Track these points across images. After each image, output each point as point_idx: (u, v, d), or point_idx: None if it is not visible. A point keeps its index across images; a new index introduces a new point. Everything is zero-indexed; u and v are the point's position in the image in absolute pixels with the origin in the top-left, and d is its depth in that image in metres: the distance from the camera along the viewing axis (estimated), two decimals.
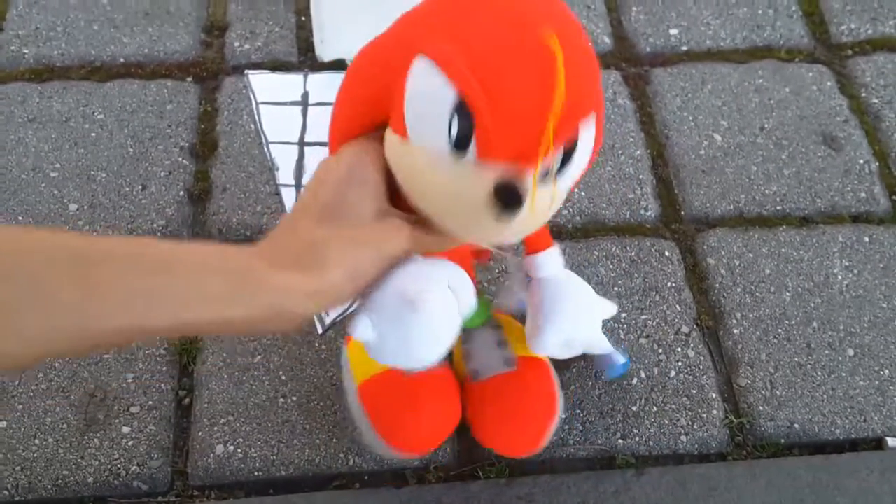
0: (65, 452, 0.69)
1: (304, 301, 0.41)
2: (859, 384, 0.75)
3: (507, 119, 0.39)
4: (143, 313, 0.36)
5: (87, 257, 0.36)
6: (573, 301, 0.59)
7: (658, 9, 1.04)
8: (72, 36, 0.97)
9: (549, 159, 0.41)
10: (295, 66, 0.96)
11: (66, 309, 0.35)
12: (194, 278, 0.38)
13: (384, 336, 0.45)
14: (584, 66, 0.42)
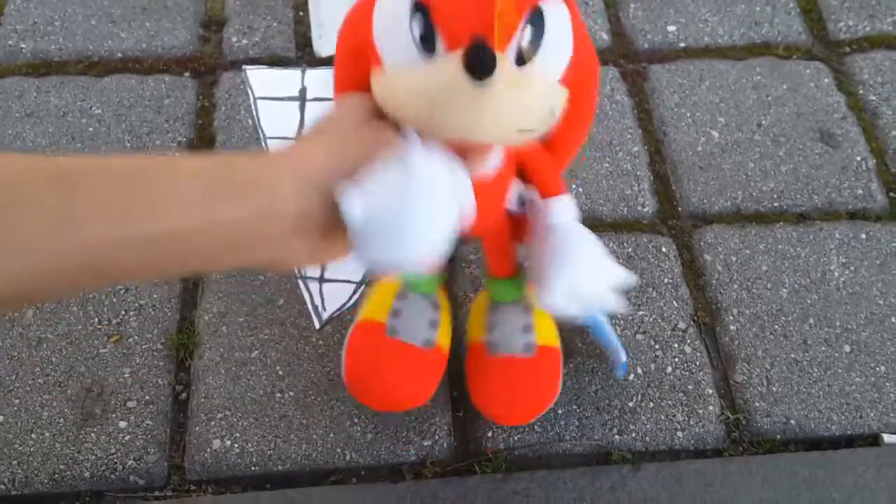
0: (61, 447, 0.69)
1: (290, 189, 0.39)
2: (855, 380, 0.76)
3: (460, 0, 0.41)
4: (127, 219, 0.35)
5: (68, 169, 0.35)
6: (583, 250, 0.56)
7: (656, 5, 1.04)
8: (69, 30, 0.97)
9: (511, 30, 0.41)
10: (293, 61, 0.96)
11: (49, 217, 0.33)
12: (172, 180, 0.37)
13: (376, 207, 0.40)
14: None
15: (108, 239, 0.35)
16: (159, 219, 0.36)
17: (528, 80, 0.42)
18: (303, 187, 0.39)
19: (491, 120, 0.41)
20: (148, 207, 0.35)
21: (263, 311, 0.77)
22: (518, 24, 0.41)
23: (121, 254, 0.35)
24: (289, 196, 0.39)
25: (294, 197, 0.39)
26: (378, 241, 0.41)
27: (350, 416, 0.72)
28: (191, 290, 0.78)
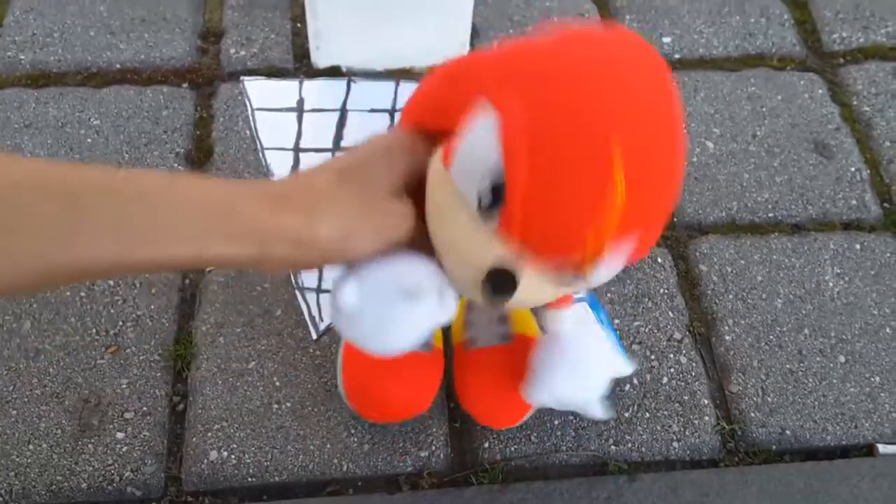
0: (59, 458, 0.69)
1: (289, 249, 0.40)
2: (850, 391, 0.76)
3: (540, 213, 0.38)
4: (125, 244, 0.36)
5: (74, 183, 0.36)
6: (573, 364, 0.57)
7: (651, 17, 1.04)
8: (68, 42, 0.97)
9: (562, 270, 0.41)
10: (290, 72, 0.96)
11: (50, 231, 0.35)
12: (174, 209, 0.38)
13: (365, 311, 0.44)
14: (649, 184, 0.38)
15: (104, 260, 0.36)
16: (156, 249, 0.37)
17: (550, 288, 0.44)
18: (301, 248, 0.41)
19: (509, 305, 0.44)
20: (146, 237, 0.37)
21: (261, 321, 0.77)
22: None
23: (112, 272, 0.37)
24: (285, 252, 0.40)
25: (290, 253, 0.41)
26: (358, 331, 0.46)
27: (347, 427, 0.72)
28: (188, 301, 0.79)
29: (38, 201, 0.35)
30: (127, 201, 0.37)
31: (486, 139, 0.39)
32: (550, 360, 0.58)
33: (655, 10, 1.05)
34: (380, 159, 0.45)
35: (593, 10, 1.04)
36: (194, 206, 0.38)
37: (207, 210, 0.39)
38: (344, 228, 0.41)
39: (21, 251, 0.34)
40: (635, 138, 0.36)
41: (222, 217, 0.39)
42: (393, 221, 0.44)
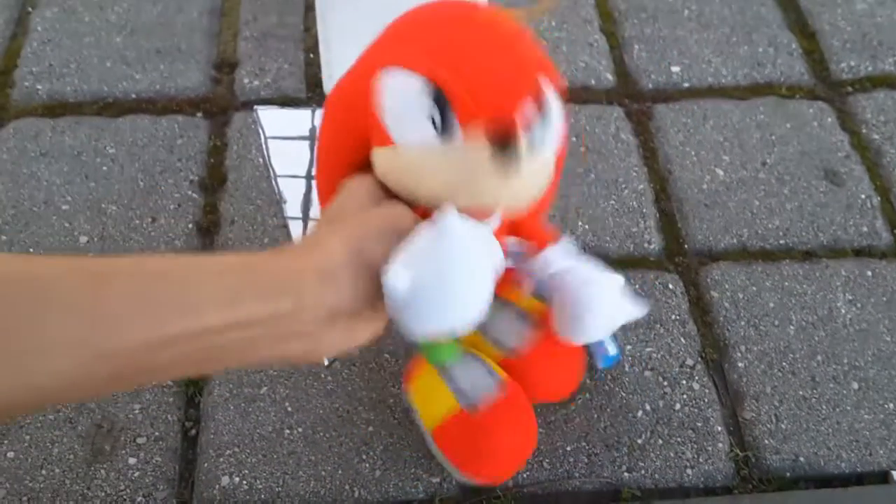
0: (71, 483, 0.69)
1: (316, 286, 0.40)
2: (864, 417, 0.75)
3: (479, 86, 0.43)
4: (155, 319, 0.35)
5: (101, 268, 0.36)
6: (599, 287, 0.59)
7: (660, 46, 1.05)
8: (84, 72, 0.99)
9: (527, 116, 0.44)
10: (303, 101, 0.98)
11: (84, 316, 0.34)
12: (198, 280, 0.37)
13: (421, 276, 0.41)
14: (522, 35, 0.47)
15: (141, 339, 0.35)
16: (190, 318, 0.36)
17: (541, 159, 0.47)
18: (328, 282, 0.41)
19: (513, 195, 0.47)
20: (178, 307, 0.36)
21: None
22: (529, 108, 0.45)
23: (153, 354, 0.35)
24: (315, 292, 0.40)
25: (321, 292, 0.40)
26: (425, 311, 0.43)
27: (358, 453, 0.72)
28: None
29: (69, 287, 0.34)
30: (152, 278, 0.37)
31: (403, 83, 0.45)
32: (581, 295, 0.59)
33: (664, 39, 1.06)
34: (349, 195, 0.47)
35: (602, 41, 1.05)
36: (219, 274, 0.38)
37: (231, 273, 0.39)
38: (357, 243, 0.42)
39: (57, 338, 0.33)
40: (497, 16, 0.46)
41: (247, 274, 0.39)
42: (394, 214, 0.45)
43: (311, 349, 0.41)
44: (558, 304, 0.61)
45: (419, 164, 0.46)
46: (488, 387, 0.66)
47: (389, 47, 0.48)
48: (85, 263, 0.36)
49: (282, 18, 1.06)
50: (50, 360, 0.33)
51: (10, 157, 0.90)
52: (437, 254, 0.42)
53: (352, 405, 0.74)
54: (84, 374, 0.34)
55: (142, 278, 0.36)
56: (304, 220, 0.86)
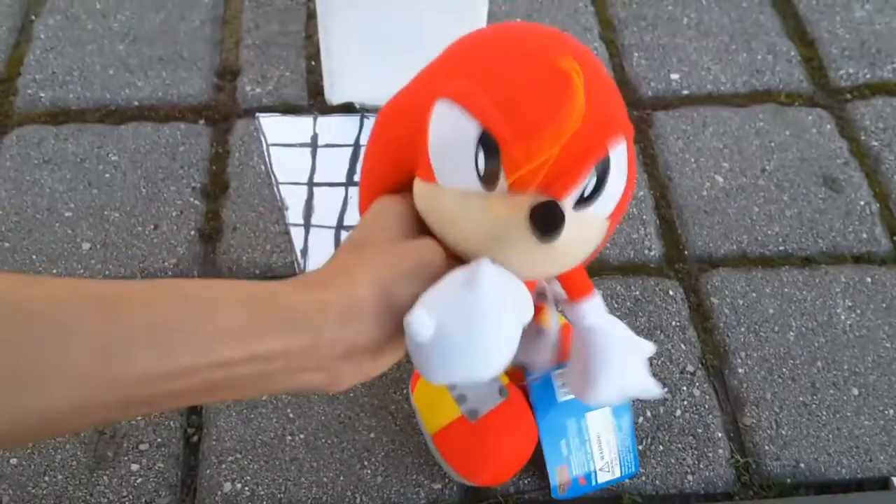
0: (74, 490, 0.70)
1: (338, 323, 0.38)
2: (864, 423, 0.76)
3: (532, 142, 0.39)
4: (166, 350, 0.34)
5: (112, 295, 0.34)
6: (622, 348, 0.55)
7: (659, 54, 1.06)
8: (87, 80, 1.00)
9: (580, 180, 0.40)
10: (305, 109, 0.98)
11: (95, 344, 0.33)
12: (215, 309, 0.36)
13: (446, 327, 0.39)
14: (603, 86, 0.42)
15: (151, 369, 0.34)
16: (205, 351, 0.35)
17: (585, 224, 0.42)
18: (350, 319, 0.39)
19: (550, 265, 0.44)
20: (190, 339, 0.35)
21: None
22: (587, 175, 0.40)
23: (165, 385, 0.34)
24: (336, 328, 0.38)
25: (342, 329, 0.38)
26: (446, 362, 0.41)
27: (360, 459, 0.72)
28: None
29: (79, 314, 0.33)
30: (164, 307, 0.35)
31: (454, 120, 0.41)
32: (604, 351, 0.54)
33: (663, 47, 1.06)
34: (380, 219, 0.45)
35: (602, 48, 1.06)
36: (237, 304, 0.37)
37: (249, 304, 0.37)
38: (383, 282, 0.40)
39: (62, 371, 0.32)
40: (572, 53, 0.41)
41: (266, 307, 0.37)
42: (423, 250, 0.42)
43: (328, 383, 0.40)
44: (576, 357, 0.57)
45: (456, 209, 0.42)
46: (490, 393, 0.66)
47: (449, 73, 0.43)
48: (98, 289, 0.35)
49: (284, 26, 1.07)
50: (58, 389, 0.32)
51: (13, 165, 0.91)
52: (467, 306, 0.40)
53: (353, 411, 0.75)
54: (93, 404, 0.33)
55: (156, 307, 0.35)
56: (306, 227, 0.87)
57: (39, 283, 0.34)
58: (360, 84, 0.97)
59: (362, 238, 0.44)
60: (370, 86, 0.97)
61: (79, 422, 0.34)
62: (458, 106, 0.40)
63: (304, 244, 0.86)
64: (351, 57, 0.94)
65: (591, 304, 0.55)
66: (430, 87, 0.43)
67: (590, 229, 0.43)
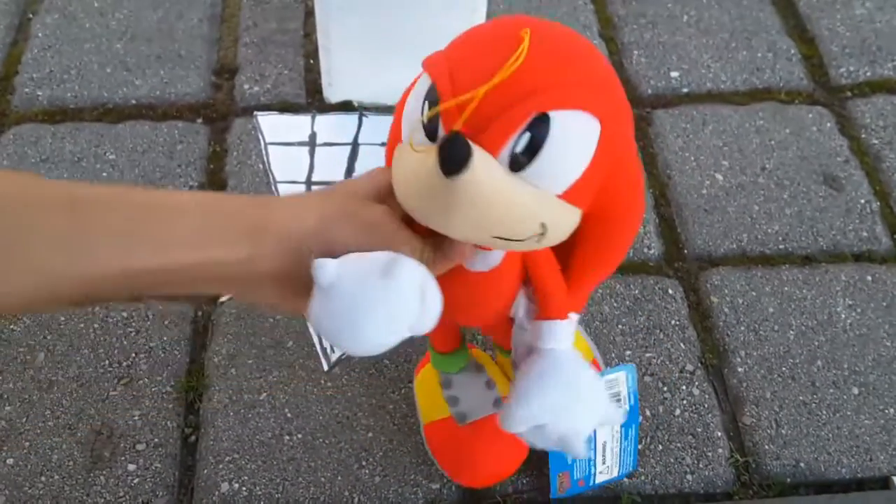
0: (70, 490, 0.69)
1: (274, 239, 0.42)
2: (864, 423, 0.75)
3: (464, 85, 0.39)
4: (130, 251, 0.38)
5: (80, 196, 0.38)
6: (564, 384, 0.50)
7: (659, 52, 1.06)
8: (85, 78, 0.99)
9: (507, 131, 0.39)
10: (303, 107, 0.98)
11: (58, 241, 0.36)
12: (175, 217, 0.40)
13: (340, 288, 0.40)
14: (570, 58, 0.41)
15: (112, 268, 0.38)
16: (159, 256, 0.39)
17: (517, 187, 0.40)
18: (285, 247, 0.42)
19: (461, 219, 0.40)
20: (149, 242, 0.39)
21: (272, 353, 0.77)
22: (516, 127, 0.39)
23: (122, 283, 0.39)
24: (269, 253, 0.42)
25: (274, 255, 0.42)
26: (329, 324, 0.42)
27: (358, 459, 0.72)
28: (200, 333, 0.79)
29: (42, 213, 0.37)
30: (129, 210, 0.39)
31: (420, 81, 0.43)
32: (540, 377, 0.50)
33: (663, 45, 1.06)
34: (368, 177, 0.47)
35: (602, 46, 1.06)
36: (190, 212, 0.41)
37: (203, 215, 0.41)
38: (328, 217, 0.43)
39: (28, 264, 0.36)
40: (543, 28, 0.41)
41: (217, 219, 0.41)
42: (375, 211, 0.44)
43: (255, 300, 0.45)
44: (519, 374, 0.52)
45: (402, 163, 0.43)
46: (484, 402, 0.66)
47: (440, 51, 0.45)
48: (69, 190, 0.39)
49: (282, 24, 1.06)
50: (20, 279, 0.36)
51: (10, 163, 0.90)
52: (366, 287, 0.41)
53: (351, 411, 0.74)
54: (53, 295, 0.38)
55: (120, 211, 0.39)
56: None
57: (12, 180, 0.38)
58: (358, 82, 0.97)
59: (341, 188, 0.46)
60: (369, 84, 0.96)
61: (32, 309, 0.40)
62: (425, 71, 0.43)
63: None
64: (349, 55, 0.93)
65: (551, 326, 0.50)
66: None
67: (528, 199, 0.40)
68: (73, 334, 0.78)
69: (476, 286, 0.50)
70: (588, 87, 0.41)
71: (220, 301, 0.81)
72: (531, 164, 0.39)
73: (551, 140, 0.39)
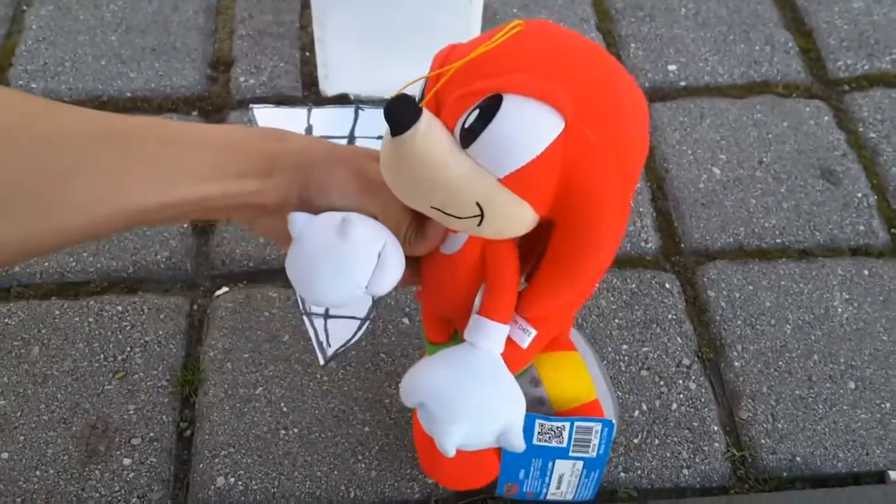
0: (65, 484, 0.69)
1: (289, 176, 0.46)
2: (861, 417, 0.75)
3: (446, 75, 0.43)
4: (168, 183, 0.43)
5: (120, 130, 0.43)
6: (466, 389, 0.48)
7: (657, 45, 1.05)
8: (79, 71, 0.99)
9: (461, 104, 0.42)
10: (299, 100, 0.97)
11: (103, 178, 0.40)
12: (199, 150, 0.45)
13: (303, 240, 0.45)
14: (554, 54, 0.42)
15: (152, 202, 0.42)
16: (191, 188, 0.43)
17: (452, 157, 0.41)
18: (289, 181, 0.47)
19: (403, 181, 0.44)
20: (182, 175, 0.43)
21: (268, 347, 0.77)
22: (470, 103, 0.41)
23: (158, 214, 0.43)
24: (274, 187, 0.47)
25: (279, 187, 0.47)
26: (292, 274, 0.46)
27: (354, 453, 0.71)
28: (196, 327, 0.79)
29: (91, 146, 0.40)
30: (162, 144, 0.43)
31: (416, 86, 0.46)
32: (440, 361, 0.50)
33: (661, 38, 1.06)
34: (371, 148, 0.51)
35: (599, 39, 1.05)
36: (212, 145, 0.46)
37: (224, 147, 0.46)
38: (334, 161, 0.47)
39: (86, 195, 0.40)
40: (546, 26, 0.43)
41: (234, 152, 0.46)
42: (378, 174, 0.45)
43: (258, 229, 0.50)
44: None
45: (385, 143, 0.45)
46: None
47: None
48: (106, 124, 0.43)
49: (277, 16, 1.06)
50: (76, 215, 0.40)
51: None
52: (320, 243, 0.45)
53: (347, 405, 0.74)
54: (100, 228, 0.41)
55: (154, 145, 0.43)
56: None
57: (62, 113, 0.42)
58: (355, 75, 0.96)
59: (352, 148, 0.51)
60: (365, 77, 0.96)
61: (81, 240, 0.42)
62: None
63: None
64: (346, 48, 0.93)
65: (484, 325, 0.49)
66: None
67: (465, 171, 0.41)
68: (67, 328, 0.77)
69: (441, 269, 0.51)
70: (571, 88, 0.41)
71: (215, 294, 0.81)
72: (475, 141, 0.41)
73: (498, 119, 0.40)
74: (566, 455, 0.62)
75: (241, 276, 0.83)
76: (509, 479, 0.65)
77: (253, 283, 0.82)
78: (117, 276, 0.82)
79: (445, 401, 0.48)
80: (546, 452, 0.61)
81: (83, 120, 0.42)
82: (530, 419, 0.60)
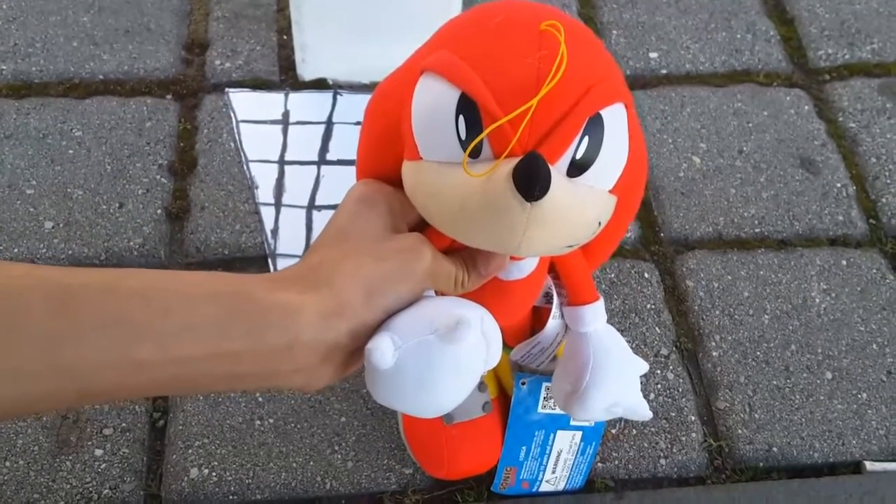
0: (36, 475, 0.68)
1: (318, 324, 0.36)
2: (837, 407, 0.76)
3: (510, 97, 0.37)
4: (125, 341, 0.33)
5: (70, 285, 0.33)
6: (620, 362, 0.52)
7: (638, 32, 1.04)
8: (50, 52, 0.96)
9: (567, 140, 0.37)
10: (276, 84, 0.96)
11: (40, 339, 0.32)
12: (179, 303, 0.34)
13: (404, 366, 0.38)
14: (593, 49, 0.40)
15: (102, 361, 0.33)
16: (161, 347, 0.33)
17: (582, 194, 0.39)
18: (333, 320, 0.37)
19: (538, 239, 0.38)
20: (148, 332, 0.33)
21: None
22: (576, 134, 0.37)
23: (116, 377, 0.33)
24: (316, 329, 0.36)
25: (323, 330, 0.37)
26: (393, 393, 0.40)
27: (330, 444, 0.71)
28: None
29: (30, 305, 0.32)
30: (123, 298, 0.33)
31: (435, 90, 0.39)
32: (598, 370, 0.50)
33: (642, 25, 1.05)
34: (361, 207, 0.42)
35: None
36: (204, 299, 0.35)
37: (219, 301, 0.35)
38: (365, 282, 0.38)
39: (11, 362, 0.31)
40: (558, 19, 0.39)
41: (238, 304, 0.35)
42: (408, 254, 0.40)
43: (304, 384, 0.38)
44: (568, 365, 0.53)
45: (439, 181, 0.39)
46: (472, 405, 0.65)
47: (434, 48, 0.41)
48: (57, 277, 0.33)
49: None
50: (14, 384, 0.32)
51: None
52: (432, 357, 0.38)
53: (324, 395, 0.73)
54: (41, 392, 0.32)
55: (114, 299, 0.33)
56: (277, 207, 0.85)
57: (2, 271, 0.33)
58: (333, 59, 0.95)
59: (344, 229, 0.41)
60: (344, 61, 0.95)
61: (25, 409, 0.33)
62: (439, 76, 0.38)
63: (275, 224, 0.84)
64: (323, 31, 0.91)
65: (592, 309, 0.51)
66: (414, 64, 0.42)
67: (590, 202, 0.39)
68: None
69: (513, 293, 0.49)
70: (613, 73, 0.40)
71: None
72: (591, 168, 0.38)
73: (607, 139, 0.38)
74: (567, 424, 0.64)
75: (217, 264, 0.81)
76: (510, 461, 0.65)
77: (228, 271, 0.81)
78: (89, 262, 0.80)
79: (634, 386, 0.53)
80: (549, 423, 0.64)
81: (22, 274, 0.33)
82: (537, 382, 0.62)
